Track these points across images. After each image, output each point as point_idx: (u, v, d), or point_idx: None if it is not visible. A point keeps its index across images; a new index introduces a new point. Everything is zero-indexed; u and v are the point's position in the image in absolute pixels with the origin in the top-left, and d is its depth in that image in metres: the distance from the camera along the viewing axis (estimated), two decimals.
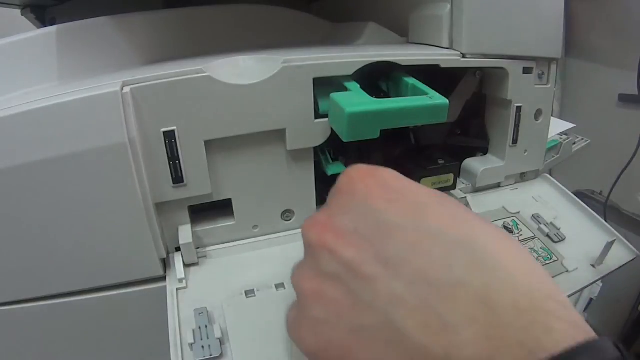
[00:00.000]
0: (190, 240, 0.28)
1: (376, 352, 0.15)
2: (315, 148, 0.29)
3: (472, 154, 0.38)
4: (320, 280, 0.17)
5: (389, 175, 0.18)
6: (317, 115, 0.28)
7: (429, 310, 0.14)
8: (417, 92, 0.27)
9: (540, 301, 0.14)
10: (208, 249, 0.30)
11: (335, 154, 0.31)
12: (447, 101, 0.26)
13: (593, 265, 0.32)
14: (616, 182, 0.93)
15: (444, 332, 0.14)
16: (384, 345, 0.15)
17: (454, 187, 0.34)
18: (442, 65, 0.31)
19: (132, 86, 0.24)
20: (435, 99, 0.26)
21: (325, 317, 0.16)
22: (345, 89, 0.27)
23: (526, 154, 0.37)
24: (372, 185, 0.17)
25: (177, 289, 0.26)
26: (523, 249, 0.16)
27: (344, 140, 0.25)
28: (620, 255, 0.33)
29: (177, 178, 0.26)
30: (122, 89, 0.24)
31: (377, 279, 0.15)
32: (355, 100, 0.25)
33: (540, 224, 0.34)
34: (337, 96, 0.26)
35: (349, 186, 0.18)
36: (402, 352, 0.14)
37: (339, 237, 0.16)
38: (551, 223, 0.34)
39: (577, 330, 0.13)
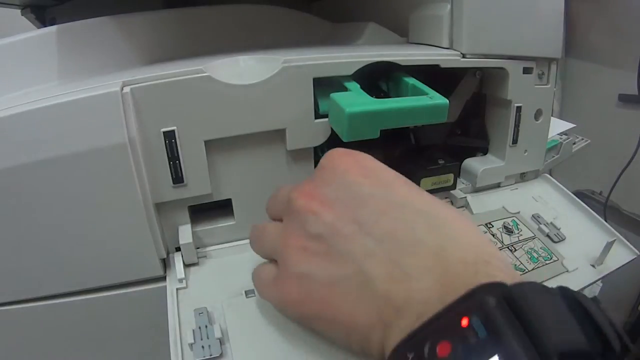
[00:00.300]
0: (190, 240, 0.28)
1: (349, 299, 0.18)
2: (315, 148, 0.29)
3: (472, 154, 0.38)
4: (305, 239, 0.20)
5: (364, 157, 0.21)
6: (317, 115, 0.28)
7: (394, 262, 0.17)
8: (417, 92, 0.27)
9: (483, 257, 0.17)
10: (208, 249, 0.30)
11: None
12: (447, 101, 0.26)
13: (593, 265, 0.32)
14: (616, 182, 0.93)
15: (405, 281, 0.17)
16: (355, 292, 0.18)
17: (454, 187, 0.34)
18: (442, 65, 0.31)
19: (132, 86, 0.24)
20: (435, 98, 0.26)
21: (308, 271, 0.19)
22: (345, 89, 0.27)
23: (526, 154, 0.37)
24: (350, 163, 0.21)
25: (177, 289, 0.26)
26: (472, 222, 0.19)
27: (344, 141, 0.25)
28: (620, 255, 0.33)
29: (177, 178, 0.26)
30: (122, 89, 0.24)
31: (354, 236, 0.18)
32: (355, 100, 0.25)
33: (540, 224, 0.34)
34: (337, 96, 0.26)
35: (331, 163, 0.21)
36: (370, 298, 0.17)
37: (323, 204, 0.20)
38: (551, 223, 0.34)
39: (514, 279, 0.16)
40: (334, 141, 0.29)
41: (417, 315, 0.16)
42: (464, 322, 0.14)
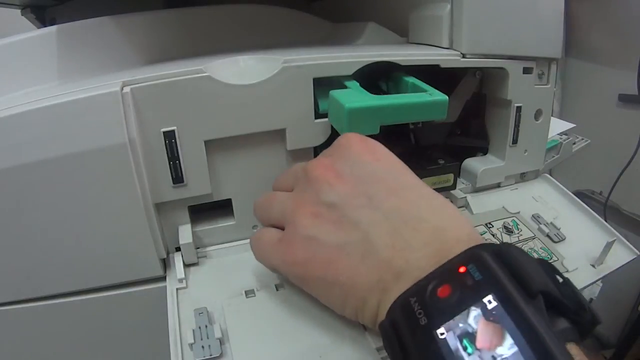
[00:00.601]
0: (190, 240, 0.28)
1: (353, 262, 0.20)
2: (315, 148, 0.29)
3: (472, 154, 0.38)
4: (318, 206, 0.21)
5: (377, 143, 0.23)
6: (317, 115, 0.28)
7: (398, 234, 0.19)
8: (417, 90, 0.27)
9: (474, 237, 0.20)
10: (208, 249, 0.30)
11: None
12: (447, 97, 0.26)
13: (593, 265, 0.32)
14: (616, 182, 0.93)
15: (406, 250, 0.19)
16: (360, 256, 0.20)
17: (454, 187, 0.34)
18: (442, 65, 0.31)
19: (132, 86, 0.24)
20: (434, 95, 0.26)
21: (317, 234, 0.21)
22: (345, 88, 0.27)
23: (526, 154, 0.37)
24: (365, 147, 0.23)
25: (177, 289, 0.26)
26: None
27: None
28: (620, 255, 0.33)
29: (177, 178, 0.26)
30: (122, 89, 0.24)
31: (364, 208, 0.20)
32: (354, 97, 0.25)
33: (540, 224, 0.34)
34: (336, 93, 0.26)
35: (348, 143, 0.23)
36: (372, 263, 0.19)
37: (338, 176, 0.22)
38: (551, 223, 0.34)
39: None
40: (334, 141, 0.29)
41: (413, 280, 0.18)
42: (462, 269, 0.17)
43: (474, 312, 0.16)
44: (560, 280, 0.17)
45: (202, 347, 0.22)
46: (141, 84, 0.24)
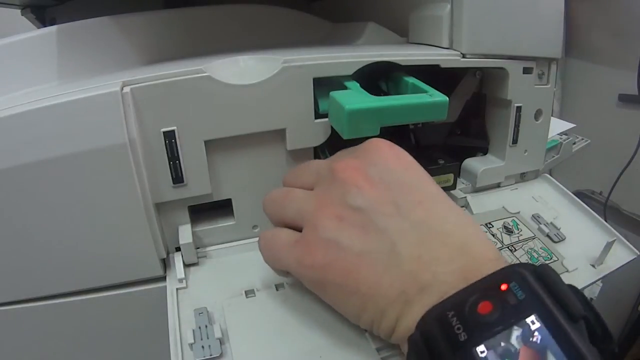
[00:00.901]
0: (190, 240, 0.28)
1: (376, 271, 0.19)
2: (315, 148, 0.29)
3: (472, 154, 0.38)
4: (343, 208, 0.20)
5: (404, 152, 0.23)
6: (317, 115, 0.28)
7: (425, 246, 0.19)
8: (417, 91, 0.27)
9: (502, 260, 0.19)
10: (208, 249, 0.30)
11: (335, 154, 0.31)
12: (447, 98, 0.26)
13: (593, 265, 0.32)
14: (616, 182, 0.93)
15: (433, 264, 0.19)
16: (384, 265, 0.19)
17: (454, 187, 0.34)
18: (442, 65, 0.31)
19: (132, 86, 0.24)
20: (435, 96, 0.26)
21: (339, 238, 0.20)
22: (345, 88, 0.27)
23: (526, 154, 0.37)
24: (393, 153, 0.22)
25: (177, 289, 0.26)
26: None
27: (344, 138, 0.25)
28: (620, 255, 0.33)
29: (177, 178, 0.26)
30: (122, 89, 0.24)
31: (392, 216, 0.20)
32: (354, 98, 0.25)
33: (540, 224, 0.34)
34: (336, 94, 0.26)
35: (376, 148, 0.23)
36: (396, 273, 0.19)
37: (367, 180, 0.21)
38: (551, 223, 0.34)
39: None
40: (334, 141, 0.29)
41: (440, 294, 0.18)
42: (503, 287, 0.17)
43: (516, 331, 0.16)
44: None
45: (202, 347, 0.22)
46: (141, 84, 0.24)
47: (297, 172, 0.25)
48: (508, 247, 0.32)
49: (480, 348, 0.16)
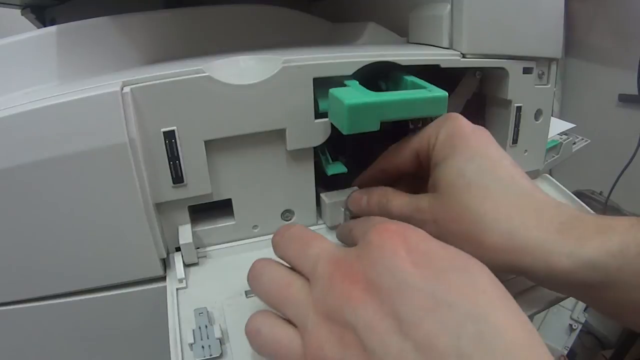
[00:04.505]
0: (190, 240, 0.28)
1: None
2: (315, 148, 0.29)
3: None
4: (341, 326, 0.18)
5: (416, 236, 0.19)
6: (317, 115, 0.28)
7: None
8: (417, 88, 0.27)
9: None
10: (208, 249, 0.30)
11: (335, 154, 0.31)
12: (446, 93, 0.26)
13: None
14: (616, 182, 0.93)
15: None
16: None
17: None
18: (442, 65, 0.31)
19: (132, 86, 0.24)
20: (434, 91, 0.26)
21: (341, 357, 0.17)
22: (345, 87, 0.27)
23: (526, 154, 0.37)
24: (400, 243, 0.18)
25: (177, 289, 0.26)
26: (529, 326, 0.16)
27: (344, 133, 0.25)
28: None
29: (177, 178, 0.26)
30: (122, 89, 0.24)
31: (391, 336, 0.16)
32: (354, 94, 0.25)
33: None
34: (336, 91, 0.26)
35: (379, 241, 0.18)
36: None
37: (366, 290, 0.17)
38: None
39: None
40: (334, 141, 0.29)
41: None
42: None
43: None
44: None
45: (202, 347, 0.22)
46: (141, 84, 0.24)
47: (296, 249, 0.22)
48: None
49: None
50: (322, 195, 0.31)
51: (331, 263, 0.20)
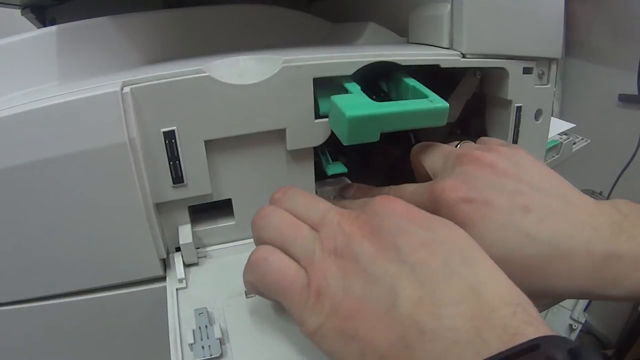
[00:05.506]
0: (190, 240, 0.28)
1: (374, 316, 0.18)
2: (315, 148, 0.29)
3: None
4: (348, 258, 0.20)
5: (412, 207, 0.21)
6: (317, 115, 0.28)
7: (425, 288, 0.17)
8: (418, 94, 0.27)
9: (519, 300, 0.17)
10: (208, 249, 0.30)
11: (335, 154, 0.31)
12: (448, 105, 0.26)
13: None
14: (616, 182, 0.93)
15: (434, 305, 0.17)
16: (382, 310, 0.18)
17: None
18: (442, 65, 0.31)
19: (132, 86, 0.24)
20: (435, 102, 0.26)
21: (343, 286, 0.19)
22: (346, 90, 0.27)
23: None
24: (399, 207, 0.21)
25: (177, 289, 0.26)
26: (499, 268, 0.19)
27: (344, 144, 0.25)
28: None
29: (177, 178, 0.26)
30: (122, 89, 0.24)
31: (392, 261, 0.19)
32: (355, 104, 0.25)
33: None
34: (337, 99, 0.26)
35: (381, 202, 0.21)
36: (395, 317, 0.18)
37: (372, 231, 0.20)
38: None
39: (547, 331, 0.16)
40: (334, 141, 0.29)
41: (444, 341, 0.16)
42: None
43: None
44: None
45: (202, 347, 0.22)
46: (141, 84, 0.24)
47: (303, 203, 0.24)
48: None
49: None
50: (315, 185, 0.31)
51: (340, 214, 0.22)
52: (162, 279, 0.28)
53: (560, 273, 0.22)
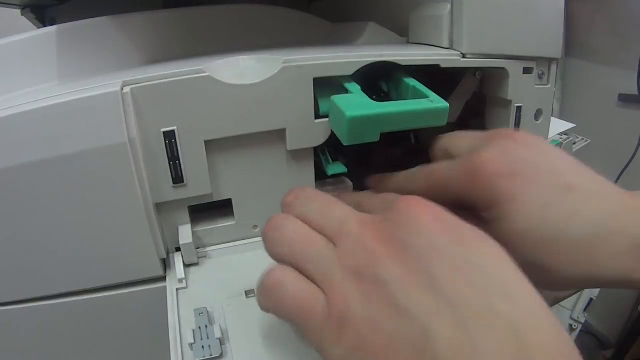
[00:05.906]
0: (191, 240, 0.28)
1: (404, 356, 0.16)
2: (315, 148, 0.29)
3: None
4: (371, 282, 0.17)
5: (440, 209, 0.19)
6: (317, 115, 0.28)
7: (462, 329, 0.15)
8: (418, 95, 0.27)
9: (562, 349, 0.15)
10: (208, 249, 0.30)
11: (335, 154, 0.31)
12: (448, 105, 0.26)
13: None
14: (616, 182, 0.93)
15: (473, 354, 0.14)
16: (413, 351, 0.16)
17: None
18: (443, 65, 0.31)
19: (132, 86, 0.24)
20: (436, 102, 0.26)
21: (370, 316, 0.17)
22: (346, 90, 0.27)
23: None
24: (426, 212, 0.19)
25: (177, 289, 0.26)
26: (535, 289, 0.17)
27: (345, 144, 0.25)
28: None
29: (177, 178, 0.26)
30: (122, 89, 0.24)
31: (425, 290, 0.16)
32: (355, 104, 0.25)
33: None
34: (337, 99, 0.26)
35: (406, 207, 0.19)
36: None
37: (399, 250, 0.18)
38: None
39: None
40: (334, 141, 0.29)
41: None
42: None
43: None
44: None
45: (202, 347, 0.22)
46: (141, 84, 0.24)
47: (318, 208, 0.22)
48: None
49: None
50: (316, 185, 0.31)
51: (359, 224, 0.20)
52: (162, 279, 0.28)
53: (605, 255, 0.20)
